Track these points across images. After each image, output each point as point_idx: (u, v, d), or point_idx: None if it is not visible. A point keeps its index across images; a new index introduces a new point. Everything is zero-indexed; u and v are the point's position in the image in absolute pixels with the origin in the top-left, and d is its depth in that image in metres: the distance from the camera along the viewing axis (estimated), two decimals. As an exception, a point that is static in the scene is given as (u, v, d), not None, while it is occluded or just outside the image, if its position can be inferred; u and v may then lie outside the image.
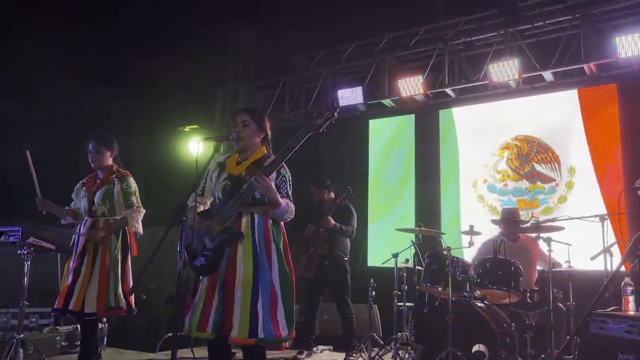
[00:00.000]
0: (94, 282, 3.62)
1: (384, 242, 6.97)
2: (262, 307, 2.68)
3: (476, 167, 6.88)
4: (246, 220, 2.81)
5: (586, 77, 6.32)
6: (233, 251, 2.77)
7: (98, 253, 3.69)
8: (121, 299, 3.69)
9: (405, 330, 5.00)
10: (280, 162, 2.77)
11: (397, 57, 7.56)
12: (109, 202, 3.79)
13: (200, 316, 2.70)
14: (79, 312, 3.56)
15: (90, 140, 3.90)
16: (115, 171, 3.90)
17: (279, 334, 2.71)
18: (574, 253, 4.68)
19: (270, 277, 2.75)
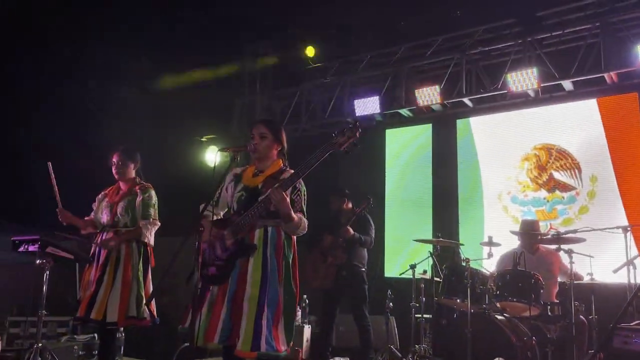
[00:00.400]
0: (116, 292, 3.65)
1: (401, 253, 6.91)
2: (267, 321, 2.68)
3: (495, 177, 6.80)
4: (259, 233, 2.81)
5: (607, 85, 6.23)
6: (245, 263, 2.77)
7: (120, 263, 3.73)
8: (145, 310, 3.73)
9: (423, 342, 4.93)
10: (299, 178, 2.75)
11: (414, 67, 7.55)
12: (131, 213, 3.85)
13: (208, 326, 2.70)
14: (100, 321, 3.60)
15: (115, 153, 3.97)
16: (138, 183, 3.97)
17: (280, 349, 2.70)
18: (596, 265, 4.58)
19: (278, 291, 2.75)
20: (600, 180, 6.07)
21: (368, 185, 7.14)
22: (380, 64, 7.86)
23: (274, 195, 2.65)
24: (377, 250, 6.78)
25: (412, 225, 7.17)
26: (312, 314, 6.43)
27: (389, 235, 7.36)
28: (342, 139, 2.71)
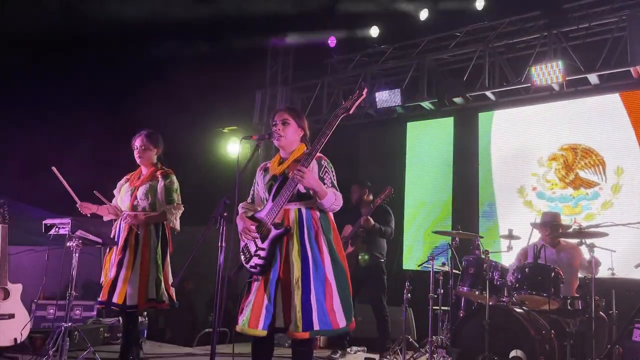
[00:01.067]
0: (136, 276, 3.71)
1: (420, 244, 6.93)
2: (317, 300, 2.69)
3: (517, 171, 6.76)
4: (294, 216, 2.83)
5: (632, 80, 6.13)
6: (285, 248, 2.80)
7: (139, 246, 3.78)
8: (164, 293, 3.78)
9: (441, 333, 4.96)
10: (317, 150, 2.77)
11: (437, 59, 7.51)
12: (151, 197, 3.87)
13: (251, 314, 2.74)
14: (122, 304, 3.67)
15: (137, 137, 4.00)
16: (160, 168, 3.99)
17: (337, 325, 2.71)
18: (618, 260, 4.55)
19: (323, 270, 2.76)
20: (626, 174, 6.00)
21: (388, 178, 7.15)
22: (402, 56, 7.84)
23: (299, 174, 2.67)
24: (396, 242, 6.82)
25: (432, 217, 7.18)
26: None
27: (408, 227, 7.38)
28: (349, 103, 2.78)
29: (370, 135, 8.19)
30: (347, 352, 5.41)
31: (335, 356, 5.22)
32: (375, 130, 8.14)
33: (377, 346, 5.26)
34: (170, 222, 3.87)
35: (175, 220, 3.90)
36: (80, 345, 4.23)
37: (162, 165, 4.03)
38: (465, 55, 7.28)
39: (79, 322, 5.59)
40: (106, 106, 8.04)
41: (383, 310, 5.27)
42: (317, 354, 5.37)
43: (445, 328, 5.00)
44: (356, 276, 5.28)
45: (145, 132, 4.01)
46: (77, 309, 5.89)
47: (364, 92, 2.79)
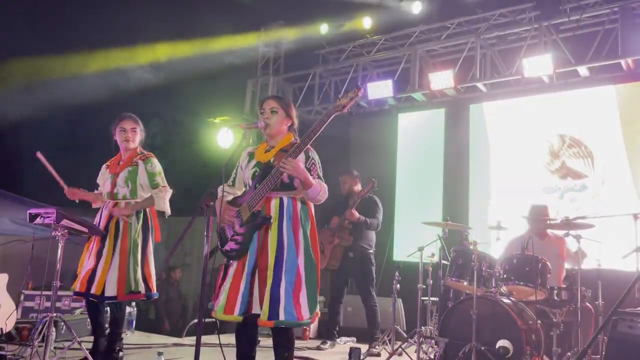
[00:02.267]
0: (115, 265, 3.63)
1: (410, 235, 6.94)
2: (285, 291, 2.71)
3: (507, 163, 6.78)
4: (275, 204, 2.84)
5: (623, 72, 6.15)
6: (263, 236, 2.81)
7: (119, 236, 3.69)
8: (140, 283, 3.69)
9: (429, 324, 4.98)
10: (307, 144, 2.77)
11: (428, 51, 7.50)
12: (131, 183, 3.78)
13: (227, 299, 2.76)
14: (100, 295, 3.59)
15: (125, 120, 3.88)
16: (139, 153, 3.89)
17: (301, 317, 2.73)
18: (605, 252, 4.58)
19: (296, 261, 2.78)
20: (613, 167, 6.04)
21: (379, 168, 7.16)
22: (394, 47, 7.81)
23: (287, 164, 2.66)
24: (387, 233, 6.83)
25: (422, 208, 7.18)
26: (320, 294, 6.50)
27: (398, 219, 7.40)
28: (344, 101, 2.76)
29: (362, 126, 8.18)
30: (337, 343, 5.43)
31: (324, 346, 5.24)
32: (366, 121, 8.13)
33: (367, 336, 5.29)
34: (159, 207, 3.79)
35: (164, 204, 3.81)
36: (67, 336, 4.21)
37: (142, 150, 3.93)
38: (457, 47, 7.27)
39: (67, 313, 5.57)
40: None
41: (372, 300, 5.30)
42: (306, 344, 5.40)
43: (434, 318, 5.02)
44: (344, 267, 5.33)
45: (130, 114, 3.90)
46: (65, 299, 5.86)
47: (360, 92, 2.77)
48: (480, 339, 3.87)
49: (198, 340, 2.51)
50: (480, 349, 3.83)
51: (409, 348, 4.79)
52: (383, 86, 7.32)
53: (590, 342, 2.73)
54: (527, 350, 3.87)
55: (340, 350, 5.16)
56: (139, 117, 3.95)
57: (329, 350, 5.20)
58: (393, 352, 4.65)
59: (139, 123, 3.91)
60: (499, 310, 4.00)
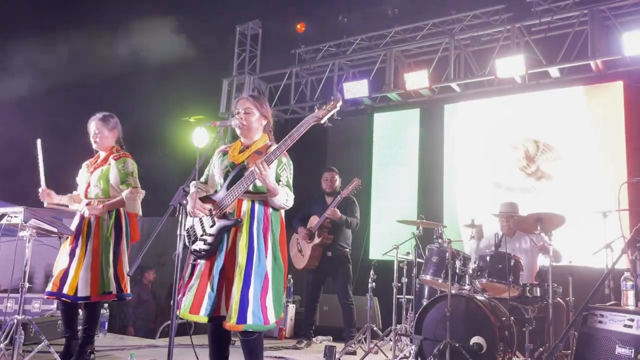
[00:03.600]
0: (87, 266, 3.56)
1: (385, 234, 6.98)
2: (254, 294, 2.70)
3: (481, 162, 6.87)
4: (246, 207, 2.82)
5: (593, 73, 6.29)
6: (232, 237, 2.79)
7: (91, 235, 3.63)
8: (112, 283, 3.62)
9: (405, 322, 5.01)
10: (282, 151, 2.75)
11: (403, 51, 7.55)
12: (103, 183, 3.71)
13: (194, 299, 2.73)
14: (73, 296, 3.51)
15: (91, 121, 3.82)
16: (114, 152, 3.83)
17: (267, 321, 2.73)
18: (576, 249, 4.67)
19: (265, 265, 2.77)
20: (584, 166, 6.17)
21: (355, 168, 7.17)
22: (369, 47, 7.85)
23: (258, 169, 2.65)
24: (362, 232, 6.86)
25: (397, 207, 7.23)
26: (297, 293, 6.50)
27: (374, 217, 7.43)
28: (322, 112, 2.74)
29: (338, 125, 8.14)
30: (313, 342, 5.43)
31: (300, 346, 5.23)
32: (342, 120, 8.10)
33: (343, 335, 5.30)
34: (129, 208, 3.73)
35: (135, 205, 3.74)
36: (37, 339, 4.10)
37: (118, 149, 3.86)
38: (431, 47, 7.34)
39: (37, 315, 5.44)
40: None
41: (348, 299, 5.31)
42: (282, 344, 5.38)
43: (409, 316, 5.05)
44: (322, 266, 5.32)
45: (99, 115, 3.83)
46: (35, 301, 5.72)
47: (337, 103, 2.75)
48: (455, 335, 3.91)
49: (170, 341, 2.47)
50: (454, 346, 3.86)
51: (385, 346, 4.81)
52: (359, 86, 7.35)
53: (561, 337, 2.78)
54: (501, 346, 3.92)
55: (316, 349, 5.16)
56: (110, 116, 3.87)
57: (305, 350, 5.19)
58: (369, 351, 4.66)
59: (107, 123, 3.82)
60: (472, 307, 4.05)
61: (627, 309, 3.28)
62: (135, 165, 3.82)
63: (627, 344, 3.05)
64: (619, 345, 3.10)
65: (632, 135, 5.97)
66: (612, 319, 3.24)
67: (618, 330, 3.15)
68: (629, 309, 3.27)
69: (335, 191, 5.43)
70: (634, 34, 5.70)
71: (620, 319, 3.16)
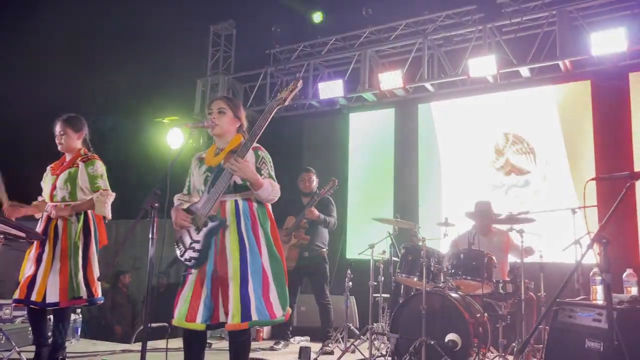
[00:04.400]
0: (56, 270, 3.48)
1: (362, 233, 7.01)
2: (254, 291, 2.67)
3: (454, 161, 6.96)
4: (230, 207, 2.79)
5: (562, 73, 6.42)
6: (221, 241, 2.76)
7: (58, 239, 3.55)
8: (82, 288, 3.54)
9: (381, 320, 5.05)
10: (253, 142, 2.75)
11: (378, 51, 7.60)
12: (70, 186, 3.63)
13: (189, 307, 2.69)
14: (41, 302, 3.42)
15: (56, 122, 3.72)
16: (82, 154, 3.74)
17: (274, 315, 2.71)
18: (546, 245, 4.77)
19: (260, 261, 2.75)
20: (553, 164, 6.30)
21: (331, 168, 7.20)
22: (344, 47, 7.88)
23: (234, 165, 2.63)
24: (339, 232, 6.87)
25: (374, 207, 7.27)
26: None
27: (351, 217, 7.47)
28: (284, 94, 2.79)
29: (314, 125, 8.21)
30: (290, 342, 5.42)
31: (277, 347, 5.22)
32: (318, 120, 8.16)
33: (320, 335, 5.31)
34: (99, 211, 3.64)
35: (104, 208, 3.65)
36: (8, 346, 4.02)
37: (85, 152, 3.77)
38: (405, 48, 7.40)
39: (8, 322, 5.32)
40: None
41: (325, 299, 5.33)
42: (260, 345, 5.36)
43: (386, 315, 5.09)
44: (299, 266, 5.32)
45: (64, 116, 3.73)
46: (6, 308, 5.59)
47: (299, 83, 2.80)
48: (430, 333, 3.95)
49: (144, 345, 2.45)
50: (429, 344, 3.91)
51: (362, 345, 4.84)
52: (334, 86, 7.38)
53: (531, 332, 2.83)
54: (475, 343, 3.99)
55: (293, 350, 5.15)
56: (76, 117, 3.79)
57: (282, 350, 5.19)
58: (345, 350, 4.68)
59: (72, 125, 3.73)
60: (447, 304, 4.10)
61: (596, 303, 3.37)
62: (104, 167, 3.74)
63: (596, 338, 3.13)
64: (589, 339, 3.17)
65: (600, 133, 6.11)
66: (582, 313, 3.32)
67: (587, 325, 3.23)
68: (598, 303, 3.36)
69: (312, 192, 5.43)
70: (601, 34, 5.84)
71: (590, 313, 3.24)
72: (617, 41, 5.74)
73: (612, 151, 5.99)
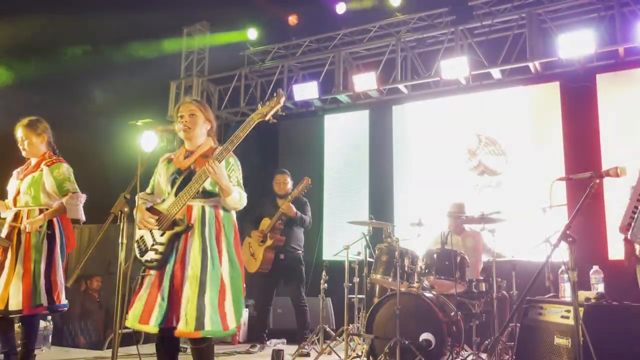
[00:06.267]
0: (18, 277, 3.40)
1: (338, 235, 7.04)
2: (210, 300, 2.65)
3: (429, 161, 7.03)
4: (197, 212, 2.77)
5: (531, 74, 6.54)
6: (182, 244, 2.74)
7: (21, 244, 3.46)
8: (42, 295, 3.45)
9: (357, 321, 5.07)
10: (230, 150, 2.72)
11: (352, 53, 7.63)
12: (34, 190, 3.54)
13: (143, 309, 2.66)
14: (3, 310, 3.34)
15: (17, 127, 3.64)
16: (47, 158, 3.66)
17: (226, 327, 2.68)
18: (518, 244, 4.86)
19: (219, 270, 2.73)
20: (524, 164, 6.41)
21: (307, 169, 7.16)
22: (318, 49, 7.89)
23: (211, 169, 2.61)
24: (315, 233, 6.89)
25: (349, 208, 7.31)
26: (249, 296, 6.45)
27: (326, 218, 7.48)
28: (265, 109, 2.74)
29: (289, 127, 8.21)
30: (267, 345, 5.41)
31: (254, 350, 5.21)
32: (293, 122, 8.15)
33: (297, 337, 5.30)
34: (72, 214, 3.56)
35: (76, 210, 3.56)
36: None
37: (50, 155, 3.68)
38: (379, 50, 7.45)
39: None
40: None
41: (301, 301, 5.32)
42: (235, 348, 5.34)
43: (361, 315, 5.11)
44: (275, 268, 5.31)
45: (24, 121, 3.65)
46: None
47: (282, 99, 2.75)
48: (405, 333, 3.99)
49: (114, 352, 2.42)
50: (404, 343, 3.94)
51: (338, 346, 4.85)
52: (308, 88, 7.39)
53: (502, 330, 2.88)
54: (449, 342, 4.03)
55: (270, 353, 5.13)
56: (37, 120, 3.70)
57: (258, 354, 5.17)
58: (321, 351, 4.69)
59: (34, 129, 3.64)
60: (421, 304, 4.14)
61: (564, 300, 3.45)
62: (71, 169, 3.67)
63: (565, 334, 3.20)
64: (557, 336, 3.25)
65: (568, 133, 6.24)
66: (551, 310, 3.39)
67: (556, 322, 3.31)
68: (566, 300, 3.43)
69: (287, 193, 5.42)
70: (569, 37, 5.97)
71: (558, 310, 3.32)
72: (585, 43, 5.88)
73: (581, 151, 6.13)
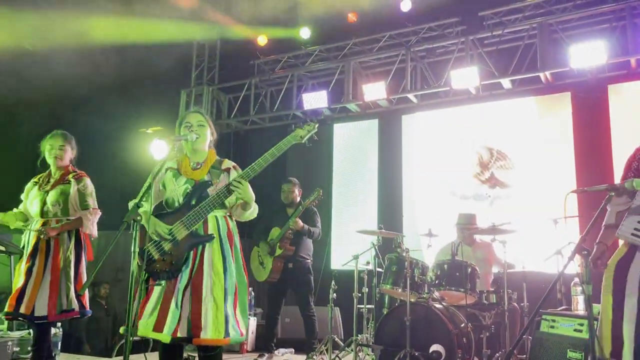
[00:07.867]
0: (46, 284, 3.52)
1: (347, 244, 7.02)
2: (230, 308, 2.73)
3: (438, 171, 7.00)
4: (212, 224, 2.83)
5: (542, 85, 6.52)
6: (200, 255, 2.77)
7: (50, 253, 3.59)
8: (73, 301, 3.60)
9: (366, 331, 5.03)
10: (262, 168, 2.82)
11: (361, 62, 7.65)
12: (62, 202, 3.68)
13: (157, 318, 2.67)
14: (29, 315, 3.45)
15: (53, 137, 3.80)
16: (71, 171, 3.81)
17: (242, 333, 2.77)
18: (529, 255, 4.81)
19: (234, 279, 2.80)
20: (535, 175, 6.36)
21: (315, 178, 7.21)
22: (328, 58, 7.92)
23: (239, 186, 2.72)
24: (323, 242, 6.85)
25: (358, 217, 7.29)
26: (258, 305, 6.45)
27: (335, 228, 7.47)
28: (302, 132, 2.91)
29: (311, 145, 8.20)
30: (274, 355, 5.38)
31: (261, 359, 5.18)
32: (302, 131, 8.15)
33: (305, 347, 5.27)
34: (86, 229, 3.72)
35: (91, 226, 3.75)
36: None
37: (74, 169, 3.85)
38: (389, 59, 7.46)
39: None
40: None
41: (310, 310, 5.29)
42: (243, 357, 5.32)
43: (370, 326, 5.08)
44: (284, 277, 5.29)
45: (61, 131, 3.83)
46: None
47: (317, 126, 2.97)
48: (414, 344, 3.95)
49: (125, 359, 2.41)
50: (414, 355, 3.91)
51: (346, 356, 4.82)
52: (318, 97, 7.41)
53: (515, 343, 2.85)
54: (459, 353, 3.99)
55: (278, 363, 5.12)
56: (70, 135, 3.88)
57: (266, 363, 5.14)
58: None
59: (70, 141, 3.84)
60: (431, 315, 4.11)
61: (577, 313, 3.41)
62: (92, 185, 3.83)
63: (578, 348, 3.16)
64: (570, 350, 3.21)
65: (580, 144, 6.20)
66: (563, 324, 3.36)
67: (569, 335, 3.27)
68: (579, 313, 3.39)
69: (294, 202, 5.41)
70: (580, 47, 5.95)
71: (571, 323, 3.28)
72: (597, 54, 5.86)
73: (593, 162, 6.08)
